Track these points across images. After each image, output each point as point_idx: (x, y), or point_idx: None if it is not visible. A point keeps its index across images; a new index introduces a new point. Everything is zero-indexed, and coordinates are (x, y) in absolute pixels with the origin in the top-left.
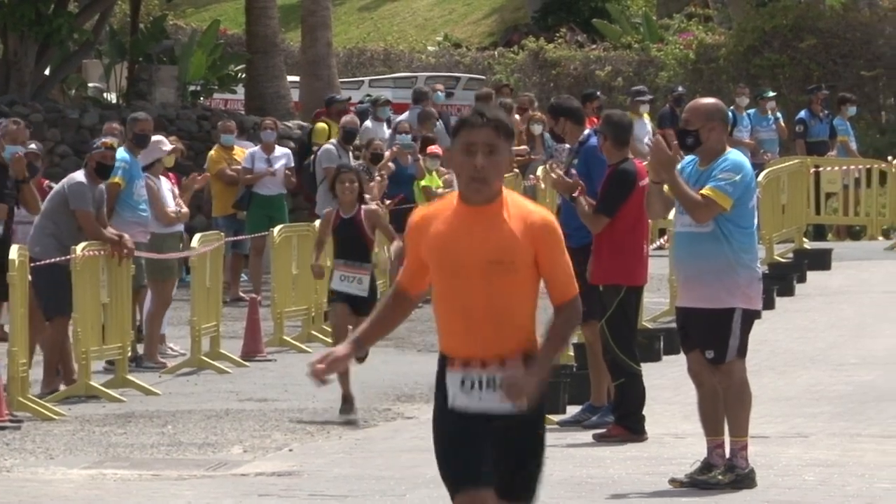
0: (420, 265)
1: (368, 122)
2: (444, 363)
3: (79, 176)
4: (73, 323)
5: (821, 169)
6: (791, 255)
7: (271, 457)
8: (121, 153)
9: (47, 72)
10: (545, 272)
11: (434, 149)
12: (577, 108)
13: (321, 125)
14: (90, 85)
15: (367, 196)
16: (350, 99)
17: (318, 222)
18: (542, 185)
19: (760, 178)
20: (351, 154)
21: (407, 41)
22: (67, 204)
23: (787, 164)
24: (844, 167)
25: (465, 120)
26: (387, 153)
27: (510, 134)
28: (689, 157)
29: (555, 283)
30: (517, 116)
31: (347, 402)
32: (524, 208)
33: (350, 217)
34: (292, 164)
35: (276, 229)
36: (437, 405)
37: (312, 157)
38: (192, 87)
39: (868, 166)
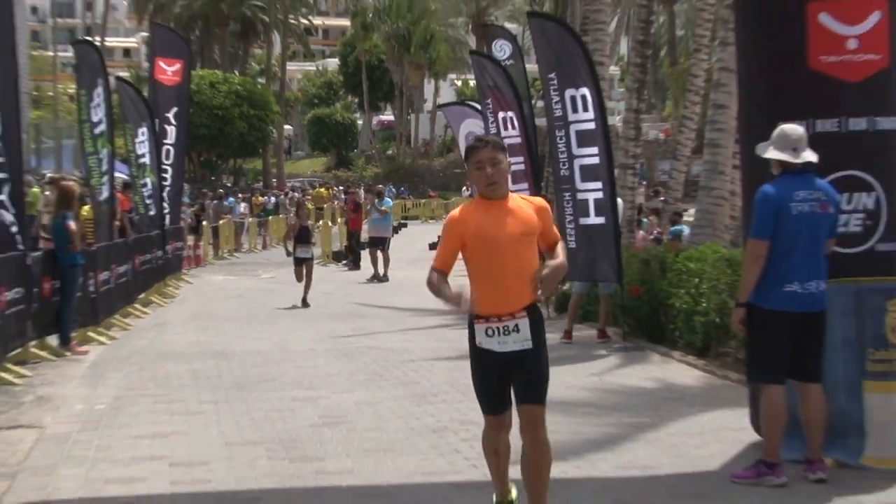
0: (454, 250)
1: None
2: (472, 319)
3: None
4: None
5: None
6: None
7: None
8: None
9: None
10: (544, 232)
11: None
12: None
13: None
14: None
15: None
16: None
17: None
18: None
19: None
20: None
21: None
22: None
23: None
24: None
25: (471, 147)
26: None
27: (504, 148)
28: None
29: (549, 235)
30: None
31: (305, 303)
32: (526, 199)
33: (305, 225)
34: None
35: None
36: (471, 349)
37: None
38: None
39: None
